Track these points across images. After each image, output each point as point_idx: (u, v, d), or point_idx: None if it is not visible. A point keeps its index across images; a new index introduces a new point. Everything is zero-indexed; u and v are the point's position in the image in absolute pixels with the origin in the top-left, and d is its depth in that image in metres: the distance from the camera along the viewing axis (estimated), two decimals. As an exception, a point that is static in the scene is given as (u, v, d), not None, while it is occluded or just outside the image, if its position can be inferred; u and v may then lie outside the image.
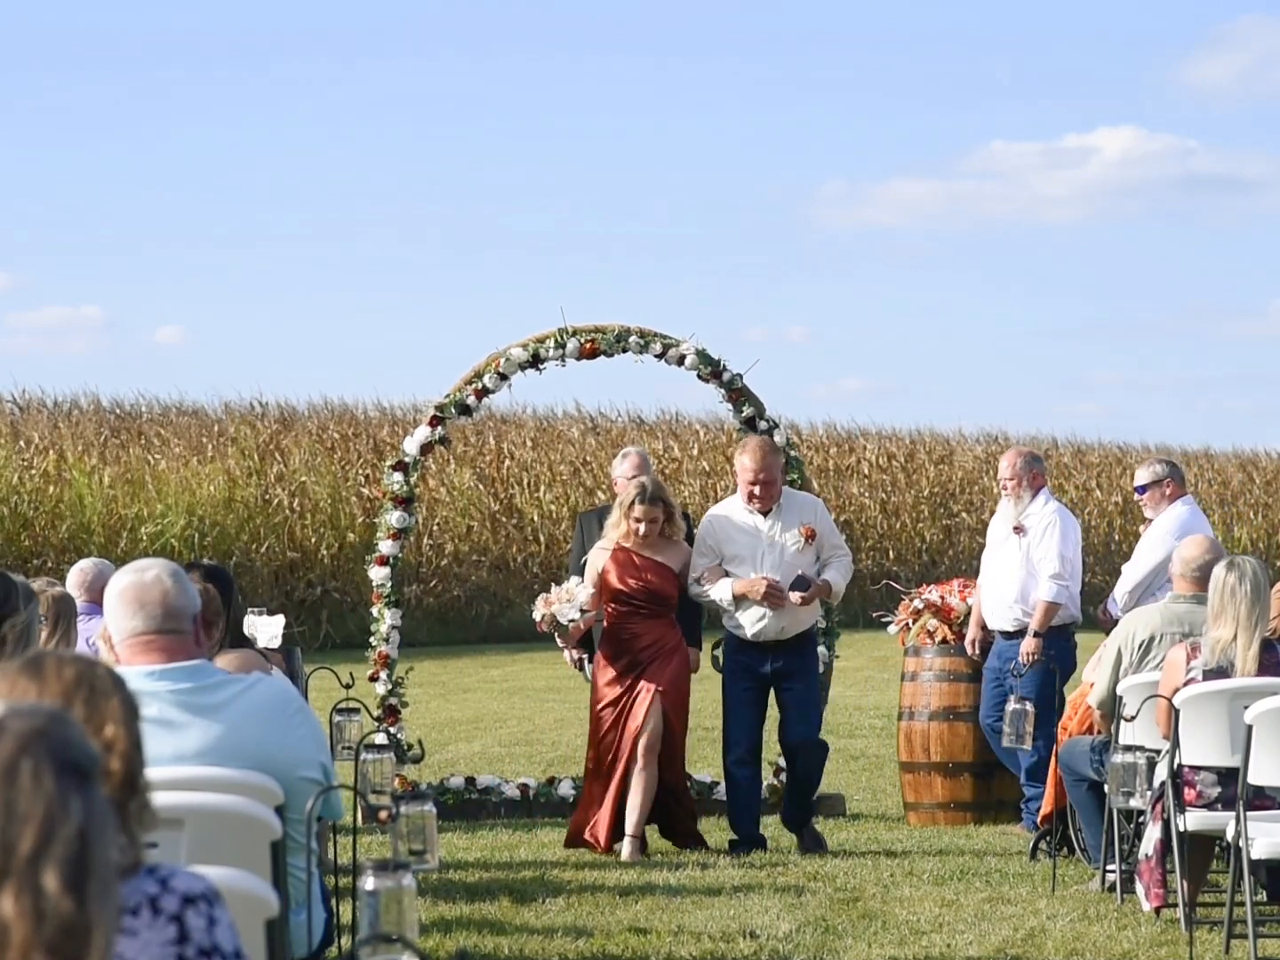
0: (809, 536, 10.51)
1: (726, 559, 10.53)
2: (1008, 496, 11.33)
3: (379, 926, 3.57)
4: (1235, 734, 7.84)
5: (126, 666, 4.99)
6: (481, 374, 11.71)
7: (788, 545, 10.50)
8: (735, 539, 10.56)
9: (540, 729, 16.61)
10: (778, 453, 10.79)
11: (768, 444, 10.76)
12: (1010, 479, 11.30)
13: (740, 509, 10.64)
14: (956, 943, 8.21)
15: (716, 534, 10.61)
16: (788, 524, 10.55)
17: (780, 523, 10.55)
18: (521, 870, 9.93)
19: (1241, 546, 34.82)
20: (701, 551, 10.58)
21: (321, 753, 5.23)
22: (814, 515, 10.69)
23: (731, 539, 10.57)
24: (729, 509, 10.80)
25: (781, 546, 10.50)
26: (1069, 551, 11.17)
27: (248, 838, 4.75)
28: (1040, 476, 11.38)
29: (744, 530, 10.56)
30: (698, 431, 33.30)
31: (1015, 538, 11.19)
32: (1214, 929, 8.23)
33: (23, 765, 2.55)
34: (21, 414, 29.58)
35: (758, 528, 10.54)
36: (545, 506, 29.61)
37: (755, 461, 10.51)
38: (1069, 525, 11.33)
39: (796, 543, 10.50)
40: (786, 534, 10.53)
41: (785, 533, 10.53)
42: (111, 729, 3.14)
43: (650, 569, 10.44)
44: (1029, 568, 11.13)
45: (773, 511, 10.55)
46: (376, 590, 11.85)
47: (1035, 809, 10.87)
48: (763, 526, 10.54)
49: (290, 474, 27.91)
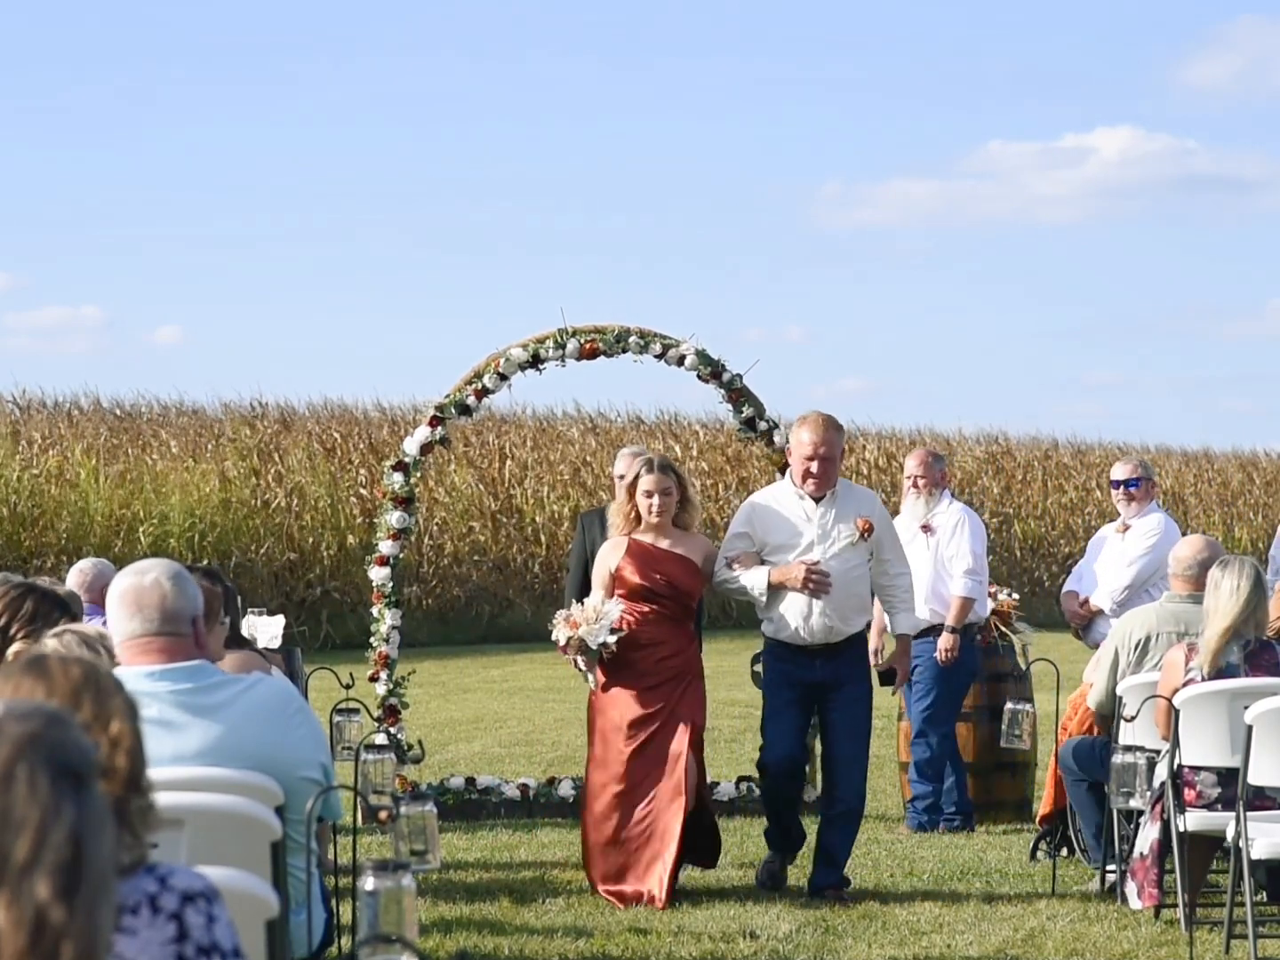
0: (865, 531, 9.23)
1: (768, 549, 9.27)
2: (917, 495, 11.33)
3: (378, 927, 3.57)
4: (1235, 734, 7.84)
5: (126, 667, 5.00)
6: (481, 374, 11.70)
7: (840, 538, 9.24)
8: (780, 526, 9.27)
9: (540, 729, 16.61)
10: (839, 430, 9.39)
11: (829, 419, 9.32)
12: (922, 477, 11.30)
13: (789, 493, 9.33)
14: (956, 943, 8.22)
15: (758, 519, 9.32)
16: (842, 514, 9.26)
17: (834, 511, 9.26)
18: (521, 870, 9.93)
19: (1241, 546, 34.82)
20: (737, 536, 9.36)
21: (321, 753, 5.23)
22: (872, 510, 9.39)
23: (776, 526, 9.27)
24: (775, 493, 9.46)
25: (833, 539, 9.24)
26: (979, 548, 11.25)
27: (248, 838, 4.75)
28: (945, 476, 11.44)
29: (791, 517, 9.27)
30: (697, 432, 33.29)
31: (923, 536, 11.21)
32: (1214, 929, 8.23)
33: (18, 771, 2.54)
34: (22, 414, 29.57)
35: (807, 515, 9.25)
36: (546, 507, 29.60)
37: (814, 434, 9.21)
38: (976, 523, 11.47)
39: (850, 536, 9.23)
40: (840, 525, 9.24)
41: (838, 524, 9.25)
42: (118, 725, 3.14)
43: (671, 561, 9.24)
44: (938, 566, 11.18)
45: (826, 499, 9.26)
46: (376, 590, 11.84)
47: (921, 808, 11.04)
48: (813, 514, 9.24)
49: (289, 474, 27.91)
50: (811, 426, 9.22)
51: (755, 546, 9.26)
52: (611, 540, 9.41)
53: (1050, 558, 33.72)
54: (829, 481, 9.25)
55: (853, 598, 9.28)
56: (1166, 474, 36.93)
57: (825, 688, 9.23)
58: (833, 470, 9.26)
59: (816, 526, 9.22)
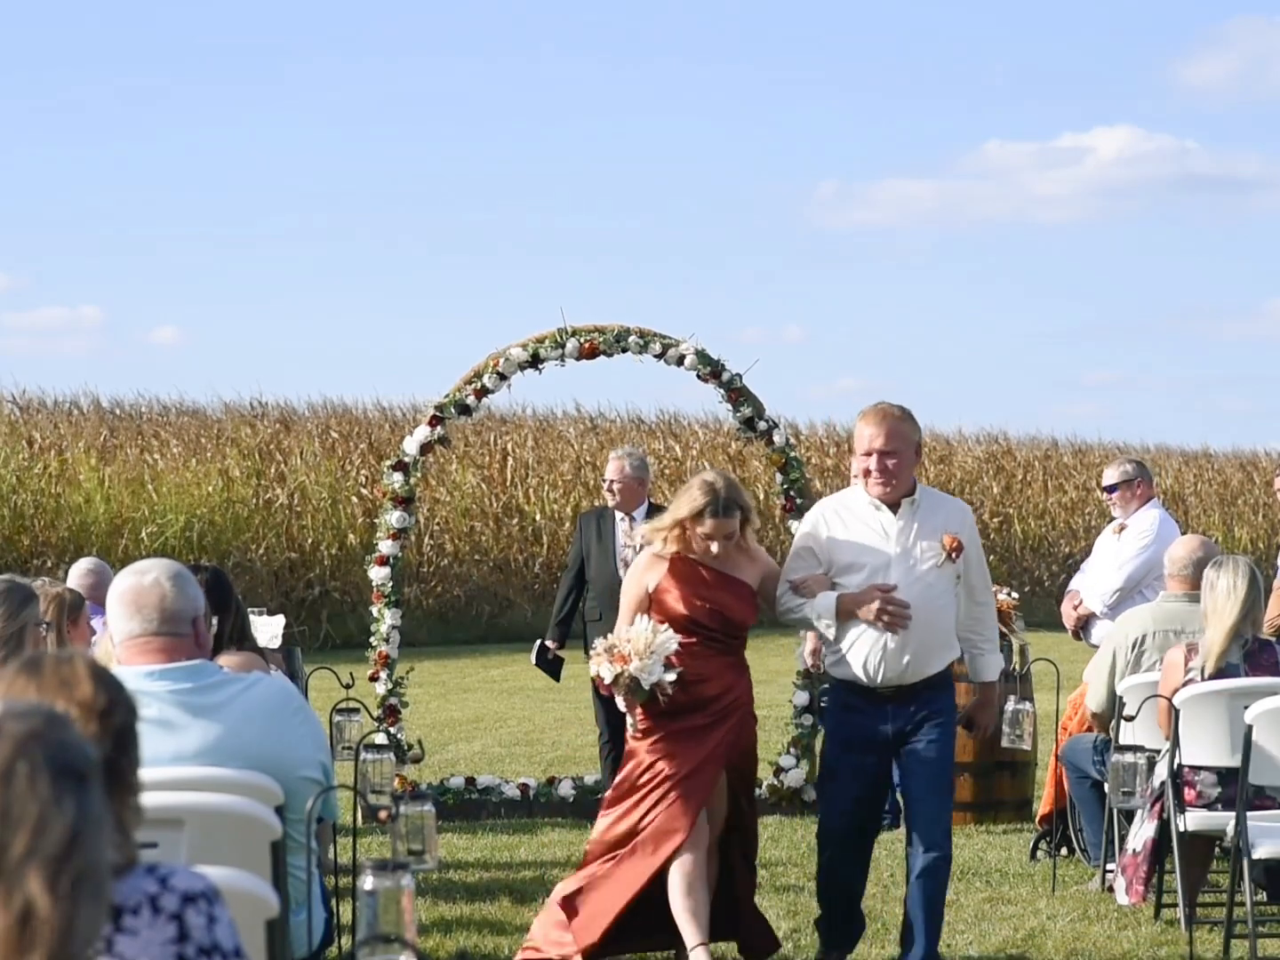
0: (953, 550, 7.56)
1: (836, 569, 7.62)
2: None
3: (377, 927, 3.57)
4: (1235, 734, 7.84)
5: (126, 667, 5.00)
6: (481, 374, 11.71)
7: (922, 557, 7.57)
8: (850, 542, 7.62)
9: (540, 729, 16.61)
10: (908, 422, 7.71)
11: (892, 408, 7.74)
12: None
13: (862, 502, 7.68)
14: (956, 943, 8.22)
15: (826, 533, 7.68)
16: (925, 529, 7.60)
17: (916, 525, 7.60)
18: (521, 870, 9.93)
19: (1241, 546, 34.84)
20: (801, 553, 7.71)
21: (321, 753, 5.23)
22: (962, 524, 7.71)
23: (844, 541, 7.64)
24: (847, 500, 7.80)
25: (915, 559, 7.56)
26: None
27: (248, 838, 4.75)
28: None
29: (863, 530, 7.63)
30: (697, 432, 33.29)
31: None
32: (1214, 929, 8.23)
33: (18, 768, 2.55)
34: (22, 414, 29.58)
35: (884, 529, 7.60)
36: (546, 507, 29.60)
37: (875, 425, 7.61)
38: None
39: (934, 555, 7.55)
40: (922, 541, 7.58)
41: (921, 540, 7.58)
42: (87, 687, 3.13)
43: (722, 587, 7.70)
44: None
45: (905, 509, 7.62)
46: (376, 590, 11.85)
47: None
48: (890, 528, 7.59)
49: (290, 474, 27.91)
50: (870, 417, 7.68)
51: (821, 566, 7.64)
52: (649, 554, 7.82)
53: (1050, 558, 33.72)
54: (898, 484, 7.61)
55: (936, 632, 7.57)
56: (1166, 474, 36.94)
57: (900, 738, 7.61)
58: (902, 471, 7.60)
59: (895, 543, 7.57)
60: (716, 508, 7.58)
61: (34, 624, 6.50)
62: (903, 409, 7.72)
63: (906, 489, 7.64)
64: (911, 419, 7.71)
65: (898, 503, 7.61)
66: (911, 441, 7.67)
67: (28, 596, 6.57)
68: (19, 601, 6.49)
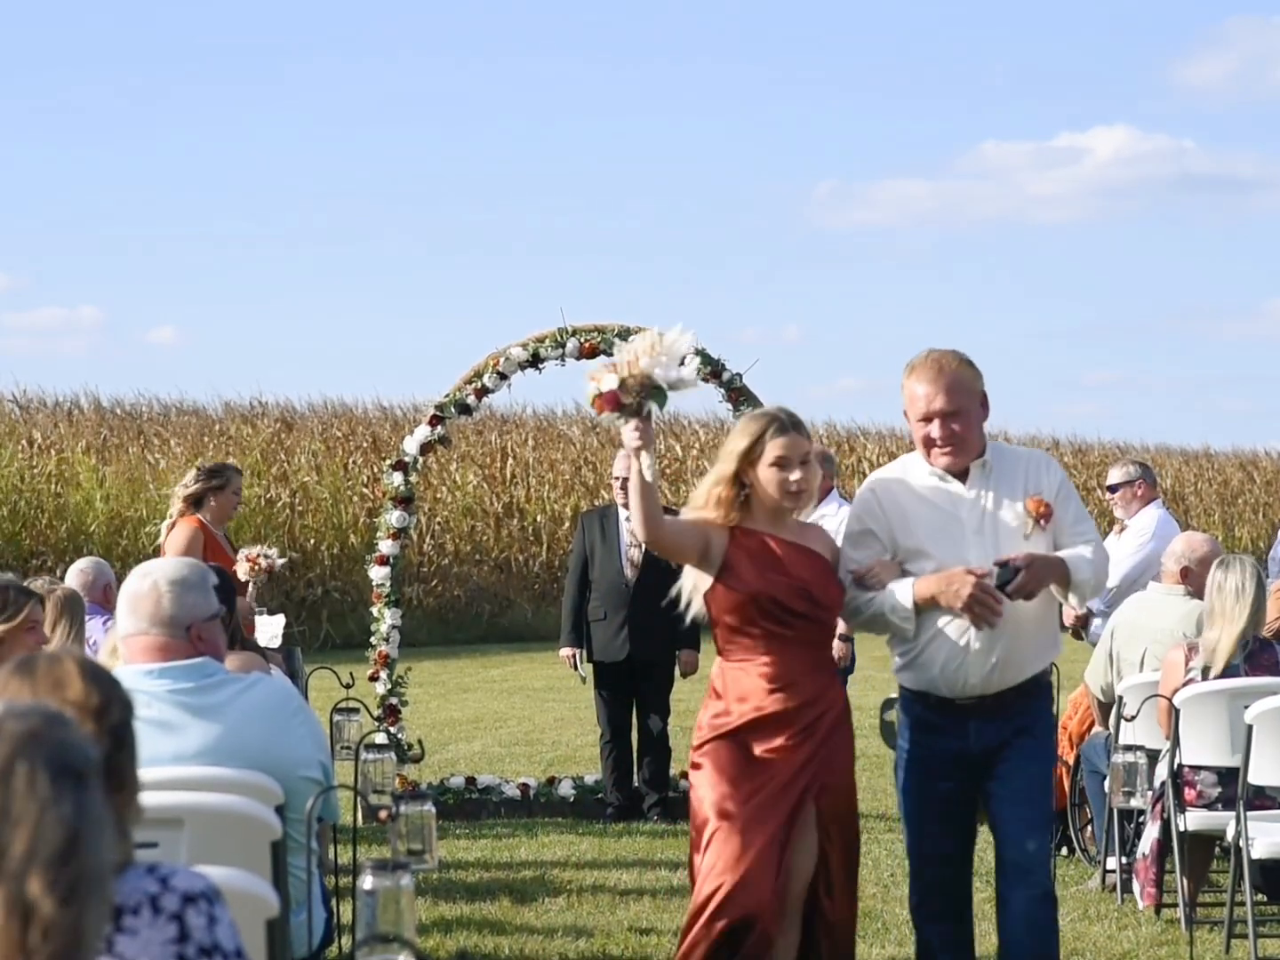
0: (1040, 514, 6.15)
1: (902, 553, 6.20)
2: None
3: (377, 927, 3.57)
4: (1235, 734, 7.84)
5: (127, 665, 5.00)
6: (481, 374, 11.70)
7: (1004, 528, 6.16)
8: (915, 519, 6.19)
9: (540, 729, 16.61)
10: (968, 370, 6.21)
11: (948, 357, 6.19)
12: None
13: (922, 471, 6.25)
14: (956, 942, 8.22)
15: (884, 510, 6.22)
16: (1003, 494, 6.19)
17: (991, 493, 6.19)
18: (521, 870, 9.93)
19: (1242, 546, 34.85)
20: (858, 538, 6.23)
21: (321, 752, 5.23)
22: (1043, 478, 6.25)
23: (909, 519, 6.19)
24: (903, 471, 6.34)
25: (994, 530, 6.16)
26: None
27: (248, 838, 4.75)
28: (830, 477, 10.97)
29: (930, 505, 6.20)
30: (698, 432, 33.29)
31: None
32: (1214, 929, 8.23)
33: (18, 768, 2.55)
34: (22, 414, 29.58)
35: (953, 501, 6.18)
36: (547, 506, 29.59)
37: (930, 382, 6.12)
38: None
39: (1019, 523, 6.16)
40: (1002, 510, 6.17)
41: (1000, 509, 6.17)
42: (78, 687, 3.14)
43: (802, 562, 6.13)
44: None
45: (976, 474, 6.20)
46: (376, 590, 11.84)
47: None
48: (962, 498, 6.18)
49: (292, 474, 27.92)
50: (921, 372, 6.15)
51: (884, 548, 6.22)
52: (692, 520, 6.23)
53: (1050, 557, 33.72)
54: (967, 447, 6.17)
55: (1029, 625, 6.15)
56: (1166, 474, 36.95)
57: (987, 758, 6.19)
58: (970, 431, 6.16)
59: (969, 518, 6.18)
60: (783, 423, 6.09)
61: (30, 625, 6.49)
62: (958, 355, 6.21)
63: (976, 451, 6.20)
64: (970, 365, 6.22)
65: (966, 469, 6.19)
66: (975, 393, 6.20)
67: (25, 597, 6.56)
68: (16, 601, 6.48)
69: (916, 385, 6.14)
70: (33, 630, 6.48)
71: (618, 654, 11.50)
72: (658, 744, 11.59)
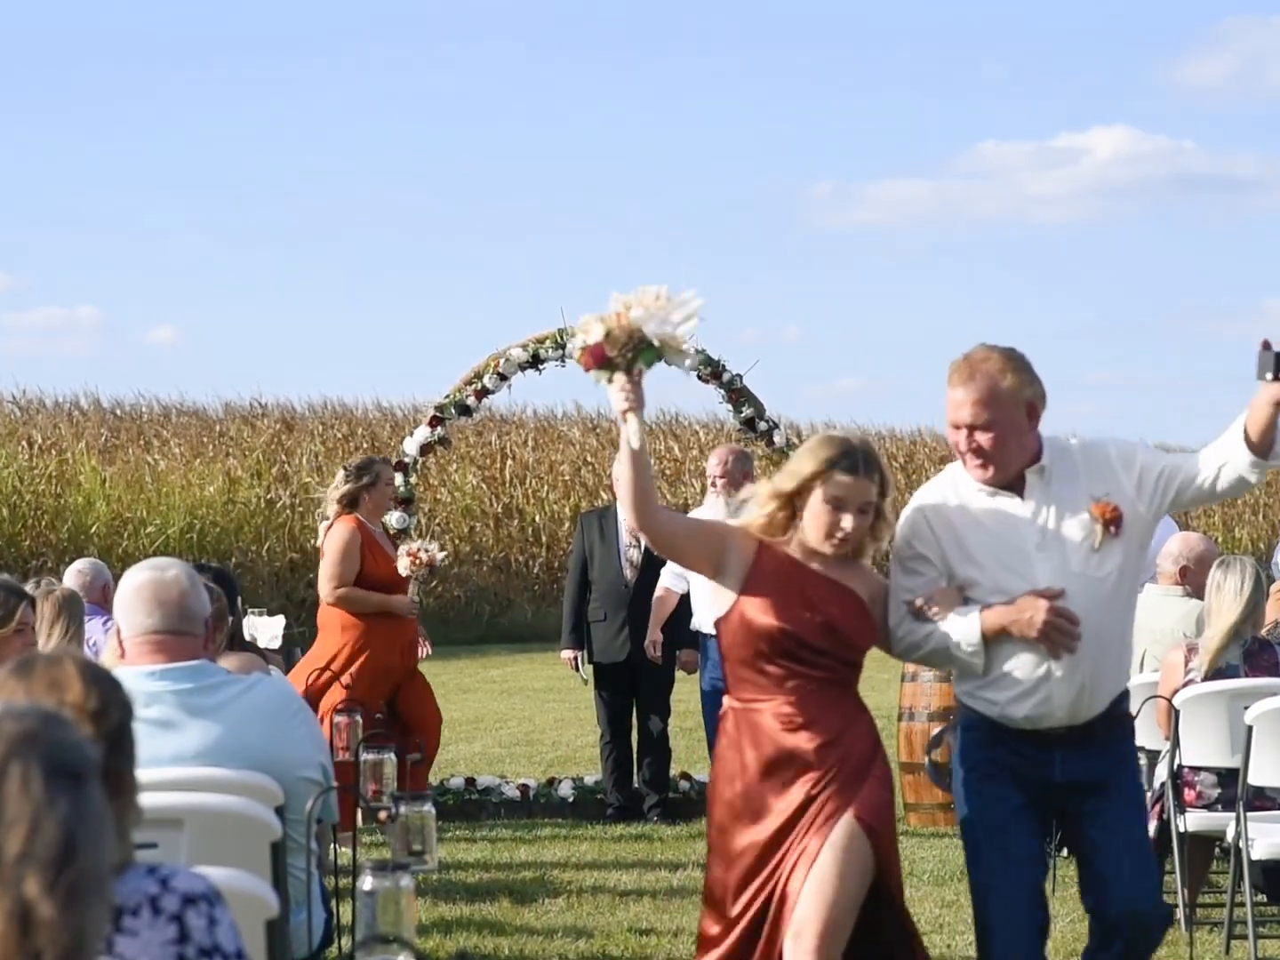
0: (1110, 520, 5.48)
1: (959, 579, 5.58)
2: (717, 495, 10.70)
3: (377, 927, 3.57)
4: (1235, 734, 7.84)
5: (128, 666, 5.00)
6: (481, 374, 11.71)
7: (1071, 542, 5.51)
8: (970, 542, 5.56)
9: (540, 729, 16.61)
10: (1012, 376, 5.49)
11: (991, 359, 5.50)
12: (721, 477, 10.72)
13: (972, 486, 5.59)
14: (956, 943, 8.21)
15: (935, 533, 5.60)
16: (1067, 502, 5.52)
17: (1052, 504, 5.52)
18: (521, 870, 9.93)
19: (1241, 547, 34.83)
20: (909, 563, 5.61)
21: (321, 753, 5.24)
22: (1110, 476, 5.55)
23: (963, 542, 5.57)
24: (952, 486, 5.65)
25: (1060, 545, 5.51)
26: None
27: (248, 838, 4.75)
28: (750, 475, 10.81)
29: (984, 525, 5.55)
30: (698, 432, 33.28)
31: None
32: (1214, 930, 8.23)
33: (12, 768, 2.55)
34: (22, 414, 29.58)
35: (1009, 518, 5.54)
36: (546, 507, 29.60)
37: (961, 386, 5.49)
38: None
39: (1087, 535, 5.49)
40: (1066, 522, 5.51)
41: (1063, 521, 5.51)
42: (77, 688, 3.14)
43: (833, 598, 5.54)
44: None
45: (1033, 484, 5.54)
46: (376, 590, 11.83)
47: None
48: (1018, 515, 5.53)
49: (292, 474, 27.92)
50: (957, 376, 5.51)
51: (938, 573, 5.59)
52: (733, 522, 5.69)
53: (1050, 558, 33.72)
54: (1003, 460, 5.50)
55: (1109, 645, 5.57)
56: (1167, 474, 36.91)
57: (1075, 792, 5.59)
58: (1005, 444, 5.48)
59: (1029, 534, 5.53)
60: (854, 461, 5.44)
61: (20, 627, 6.49)
62: (1003, 357, 5.50)
63: (1027, 459, 5.53)
64: (1015, 370, 5.49)
65: (1021, 477, 5.54)
66: (1017, 403, 5.47)
67: (16, 598, 6.56)
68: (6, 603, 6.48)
69: (951, 389, 5.53)
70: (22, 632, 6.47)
71: (618, 655, 11.50)
72: (658, 745, 11.59)
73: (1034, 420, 5.54)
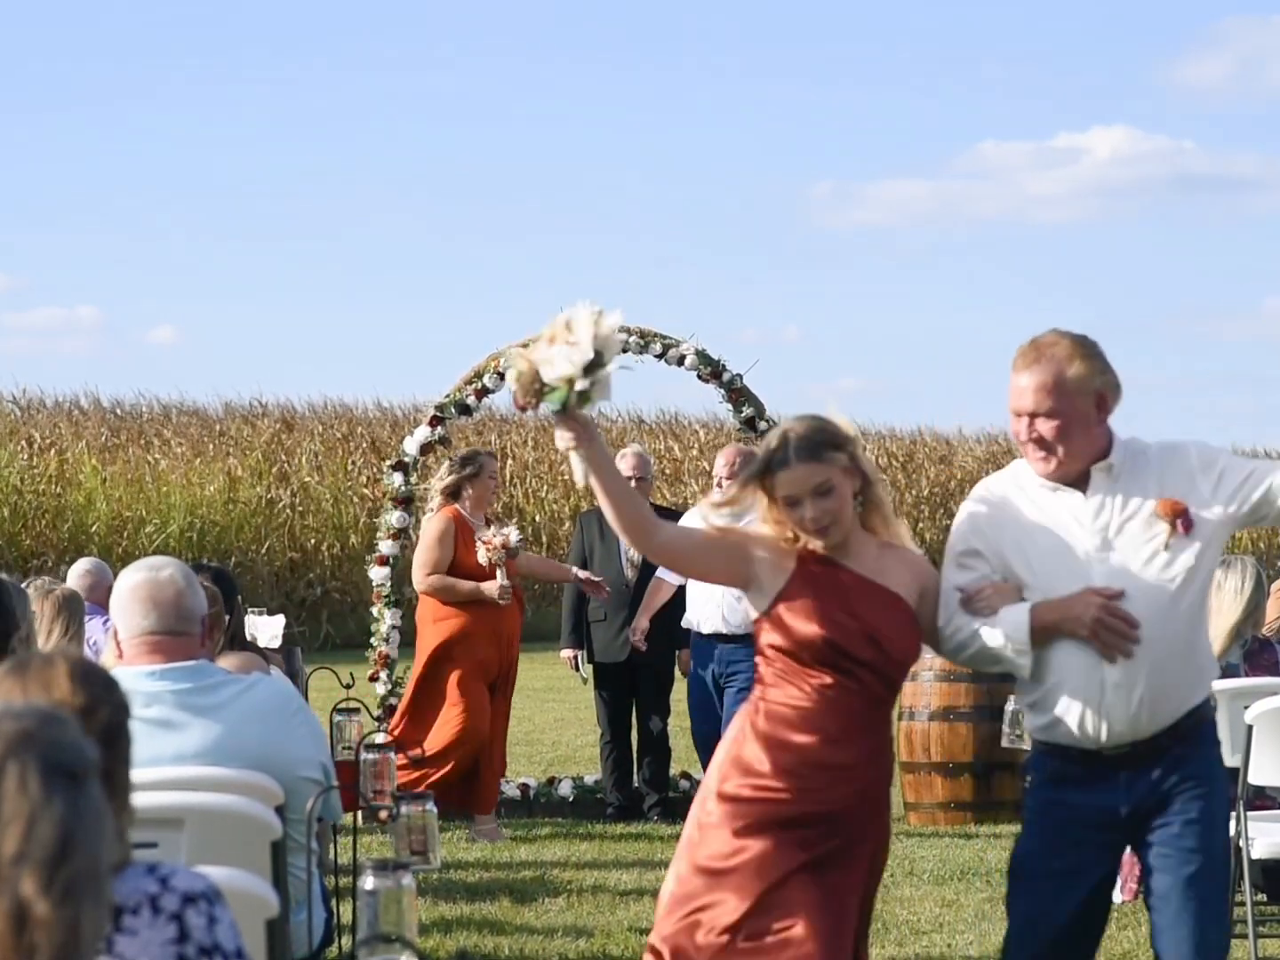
0: (1174, 515, 5.08)
1: (1014, 579, 5.16)
2: None
3: (378, 927, 3.57)
4: (1235, 734, 7.84)
5: (127, 666, 5.00)
6: (481, 374, 11.71)
7: (1134, 544, 5.10)
8: (1028, 539, 5.15)
9: (540, 729, 16.61)
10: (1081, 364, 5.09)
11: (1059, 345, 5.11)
12: (728, 478, 10.40)
13: (1034, 481, 5.19)
14: (956, 943, 8.21)
15: (993, 527, 5.20)
16: (1134, 501, 5.12)
17: (1119, 501, 5.12)
18: (521, 870, 9.93)
19: (1241, 547, 34.83)
20: (962, 558, 5.23)
21: (321, 753, 5.24)
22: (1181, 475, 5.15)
23: (1021, 539, 5.16)
24: (1014, 479, 5.27)
25: (1126, 549, 5.10)
26: None
27: (248, 838, 4.75)
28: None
29: (1043, 523, 5.15)
30: (698, 432, 33.30)
31: None
32: (1214, 929, 8.22)
33: (9, 768, 2.55)
34: (22, 414, 29.59)
35: (1070, 516, 5.13)
36: (546, 507, 29.60)
37: (1025, 372, 5.08)
38: None
39: (1153, 536, 5.09)
40: (1131, 523, 5.10)
41: (1128, 521, 5.10)
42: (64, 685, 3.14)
43: (877, 604, 5.14)
44: None
45: (1098, 481, 5.14)
46: (376, 590, 11.85)
47: None
48: (1083, 514, 5.11)
49: (293, 474, 27.93)
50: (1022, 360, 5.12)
51: (992, 568, 5.19)
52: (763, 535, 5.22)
53: (1050, 558, 33.73)
54: (1068, 453, 5.11)
55: (1178, 653, 5.10)
56: (1167, 474, 36.93)
57: (1141, 822, 5.10)
58: (1068, 435, 5.08)
59: (1092, 534, 5.12)
60: (785, 454, 5.05)
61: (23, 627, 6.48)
62: (1074, 341, 5.12)
63: (1094, 454, 5.13)
64: (1085, 355, 5.11)
65: (1086, 473, 5.14)
66: (1085, 392, 5.08)
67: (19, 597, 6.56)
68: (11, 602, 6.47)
69: (1014, 374, 5.12)
70: None
71: (618, 655, 11.50)
72: (658, 744, 11.59)
73: (1103, 413, 5.14)
